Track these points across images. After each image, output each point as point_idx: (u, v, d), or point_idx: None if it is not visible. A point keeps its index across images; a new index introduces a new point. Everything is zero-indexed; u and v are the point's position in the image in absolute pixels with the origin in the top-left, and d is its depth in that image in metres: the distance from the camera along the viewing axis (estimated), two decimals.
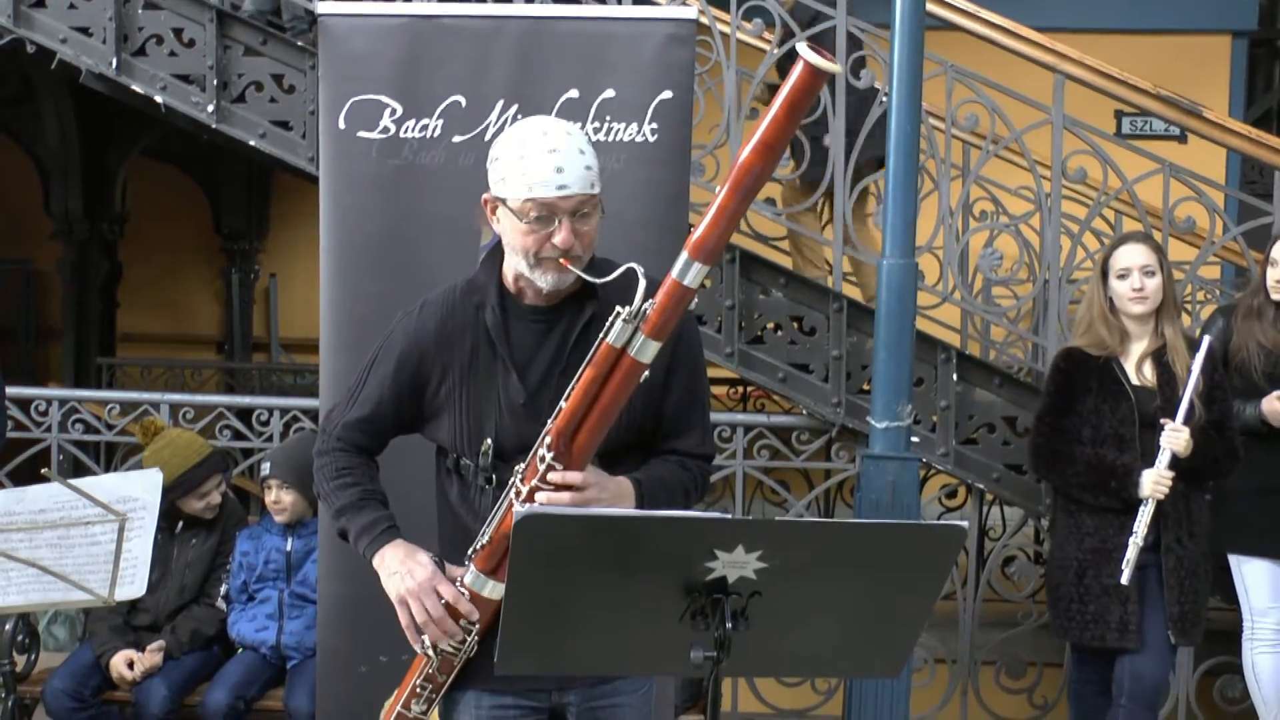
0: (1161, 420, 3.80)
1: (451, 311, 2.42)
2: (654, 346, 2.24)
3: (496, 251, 2.42)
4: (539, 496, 2.26)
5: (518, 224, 2.29)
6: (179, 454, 4.30)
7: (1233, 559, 4.23)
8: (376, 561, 2.40)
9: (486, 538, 2.33)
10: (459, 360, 2.40)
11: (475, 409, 2.39)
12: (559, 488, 2.27)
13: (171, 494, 4.06)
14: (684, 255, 2.22)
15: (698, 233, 2.21)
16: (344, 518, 2.46)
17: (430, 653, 2.39)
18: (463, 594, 2.35)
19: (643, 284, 2.22)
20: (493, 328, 2.38)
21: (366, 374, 2.50)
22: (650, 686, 2.57)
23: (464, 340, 2.40)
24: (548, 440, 2.27)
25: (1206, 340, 3.83)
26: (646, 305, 2.22)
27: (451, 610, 2.35)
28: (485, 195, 2.36)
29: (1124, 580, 3.78)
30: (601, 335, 2.25)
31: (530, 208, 2.27)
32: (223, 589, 4.36)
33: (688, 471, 2.46)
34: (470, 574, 2.36)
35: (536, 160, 2.26)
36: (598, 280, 2.28)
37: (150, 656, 4.20)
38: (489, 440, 2.37)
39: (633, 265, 2.25)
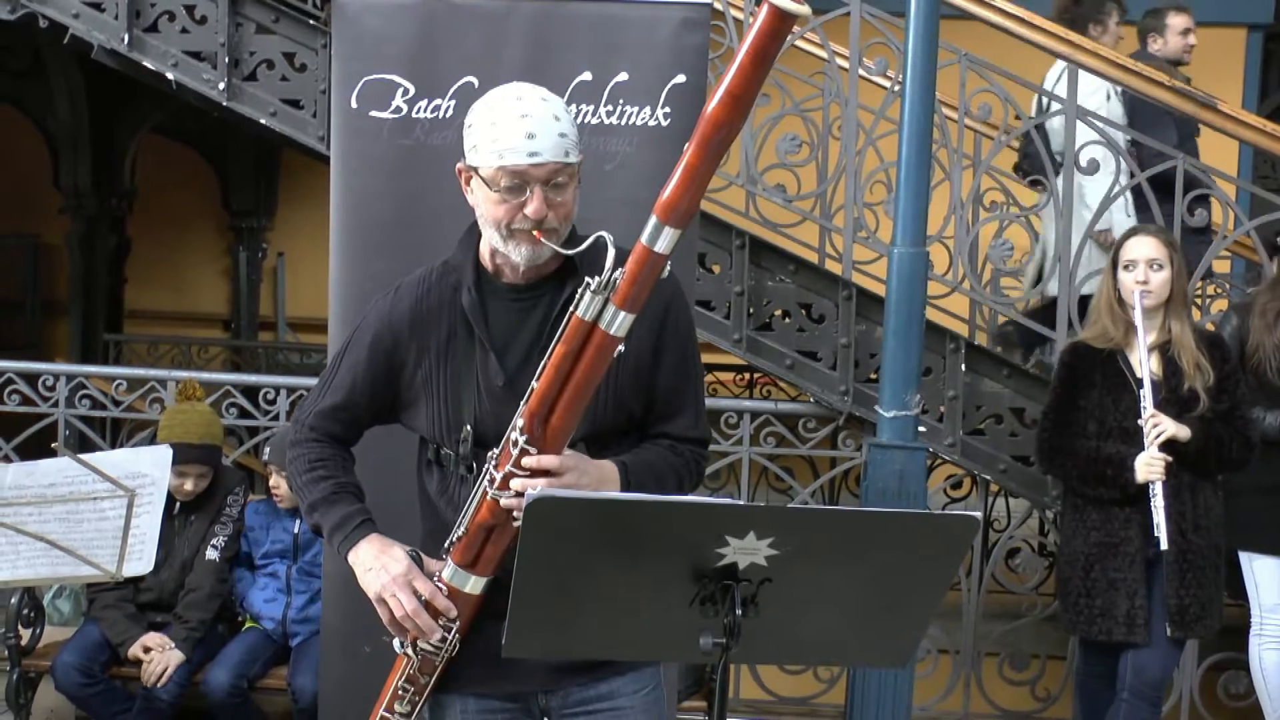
0: (1139, 422, 3.77)
1: (427, 293, 2.33)
2: (627, 319, 2.12)
3: (474, 229, 2.33)
4: (513, 484, 2.15)
5: (489, 193, 2.20)
6: (184, 425, 4.29)
7: (1243, 556, 4.22)
8: (352, 558, 2.30)
9: (463, 529, 2.22)
10: (435, 344, 2.30)
11: (453, 394, 2.29)
12: (534, 473, 2.14)
13: None
14: (653, 219, 2.09)
15: (665, 193, 2.09)
16: (317, 513, 2.36)
17: (410, 652, 2.29)
18: (440, 589, 2.25)
19: (612, 253, 2.10)
20: (469, 308, 2.28)
21: (340, 360, 2.40)
22: (655, 686, 2.42)
23: (440, 323, 2.31)
24: (520, 423, 2.15)
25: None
26: (616, 275, 2.10)
27: (430, 607, 2.24)
28: (459, 164, 2.27)
29: (1163, 545, 3.70)
30: (571, 309, 2.14)
31: (501, 176, 2.17)
32: (217, 540, 4.31)
33: (679, 457, 2.34)
34: (449, 568, 2.25)
35: (508, 126, 2.17)
36: (569, 253, 2.19)
37: (173, 655, 4.17)
38: (468, 427, 2.27)
39: (602, 234, 2.14)
